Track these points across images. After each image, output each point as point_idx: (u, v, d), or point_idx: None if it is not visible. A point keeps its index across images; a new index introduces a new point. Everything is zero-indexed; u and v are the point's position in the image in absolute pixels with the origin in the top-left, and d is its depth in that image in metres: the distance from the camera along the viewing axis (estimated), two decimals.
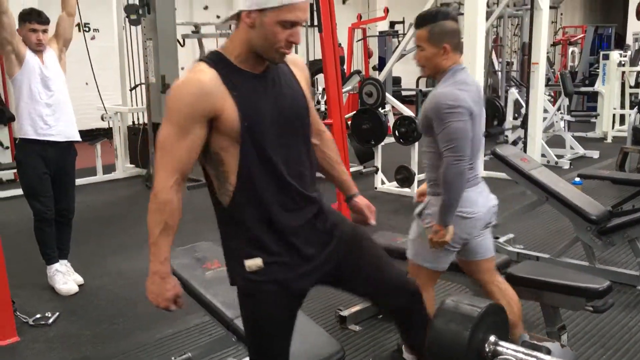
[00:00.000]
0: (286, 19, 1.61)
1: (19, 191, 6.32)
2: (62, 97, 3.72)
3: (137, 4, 6.39)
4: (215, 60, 1.67)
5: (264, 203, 1.70)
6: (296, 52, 5.47)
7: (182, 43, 8.01)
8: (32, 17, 3.61)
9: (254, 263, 1.71)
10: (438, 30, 2.41)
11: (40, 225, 3.74)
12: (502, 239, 4.24)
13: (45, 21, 3.66)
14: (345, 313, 3.23)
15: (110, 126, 7.29)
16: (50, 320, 3.39)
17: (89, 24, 9.18)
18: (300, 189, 1.75)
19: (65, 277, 3.80)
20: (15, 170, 6.66)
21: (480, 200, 2.50)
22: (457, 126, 2.33)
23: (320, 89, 8.73)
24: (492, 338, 1.45)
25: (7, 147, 6.96)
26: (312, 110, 1.87)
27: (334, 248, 1.82)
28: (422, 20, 2.43)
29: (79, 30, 6.96)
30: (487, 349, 1.44)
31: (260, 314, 1.77)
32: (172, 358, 2.43)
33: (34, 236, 3.77)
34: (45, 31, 3.65)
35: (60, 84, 3.72)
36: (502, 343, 1.46)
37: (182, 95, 1.61)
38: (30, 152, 3.63)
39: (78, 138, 3.80)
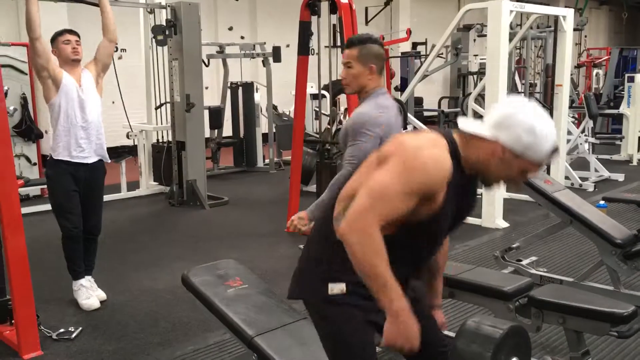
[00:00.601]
0: (533, 170, 1.70)
1: (45, 207, 6.44)
2: (96, 119, 3.78)
3: (164, 25, 6.52)
4: (454, 152, 1.70)
5: (394, 259, 1.66)
6: (319, 72, 5.53)
7: (206, 63, 8.14)
8: (63, 31, 3.76)
9: (337, 287, 1.77)
10: (366, 51, 2.68)
11: (68, 242, 3.79)
12: (525, 262, 4.19)
13: (76, 33, 3.78)
14: None
15: (135, 144, 7.41)
16: (73, 335, 3.43)
17: (116, 44, 9.36)
18: (424, 264, 1.94)
19: (88, 292, 3.84)
20: (42, 187, 6.80)
21: None
22: (365, 147, 2.59)
23: (342, 109, 8.78)
24: None
25: (34, 164, 7.10)
26: None
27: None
28: (354, 42, 2.70)
29: None
30: None
31: (341, 334, 1.80)
32: None
33: (62, 252, 3.82)
34: (78, 42, 3.75)
35: (96, 106, 3.79)
36: None
37: (433, 170, 1.62)
38: (61, 170, 3.70)
39: (108, 159, 3.89)
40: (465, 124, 1.72)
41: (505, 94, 5.74)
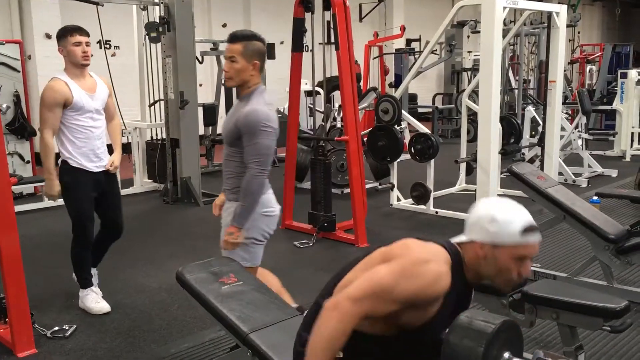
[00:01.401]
0: (521, 255, 1.69)
1: (39, 205, 6.44)
2: (104, 126, 3.69)
3: (157, 22, 6.50)
4: (456, 265, 1.73)
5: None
6: (313, 69, 5.53)
7: (200, 60, 8.11)
8: (74, 30, 3.53)
9: None
10: (251, 47, 2.74)
11: (82, 251, 3.72)
12: None
13: (87, 33, 3.58)
14: None
15: (129, 141, 7.39)
16: (68, 333, 3.42)
17: (109, 41, 9.34)
18: None
19: (97, 297, 3.78)
20: (35, 185, 6.77)
21: (274, 201, 2.91)
22: (267, 143, 2.69)
23: (336, 105, 8.78)
24: (507, 354, 1.45)
25: (28, 162, 7.07)
26: None
27: None
28: (239, 37, 2.75)
29: (100, 47, 7.09)
30: None
31: None
32: None
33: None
34: (88, 44, 3.54)
35: (103, 116, 3.68)
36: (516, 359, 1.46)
37: (429, 283, 1.64)
38: (80, 178, 3.55)
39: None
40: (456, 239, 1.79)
41: (499, 90, 5.76)
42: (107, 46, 9.14)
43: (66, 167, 3.55)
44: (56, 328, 3.46)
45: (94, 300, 3.76)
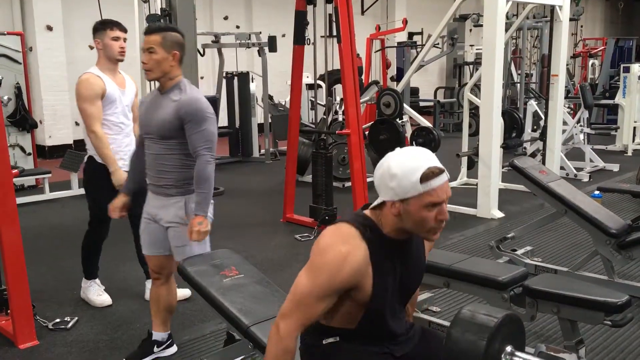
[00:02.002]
0: (430, 202, 1.66)
1: (40, 197, 6.45)
2: (132, 125, 3.65)
3: (159, 14, 6.48)
4: (370, 233, 1.73)
5: (368, 340, 1.82)
6: (314, 62, 5.51)
7: (202, 53, 8.10)
8: (113, 24, 3.51)
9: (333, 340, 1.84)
10: (170, 38, 2.67)
11: (94, 243, 3.75)
12: (520, 252, 4.20)
13: (126, 30, 3.57)
14: None
15: None
16: (69, 325, 3.43)
17: None
18: (400, 335, 1.89)
19: (100, 290, 3.80)
20: (37, 177, 6.78)
21: None
22: (213, 130, 2.68)
23: (338, 99, 8.77)
24: (509, 348, 1.45)
25: (29, 154, 7.08)
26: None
27: None
28: (156, 28, 2.70)
29: None
30: (504, 359, 1.44)
31: None
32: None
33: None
34: (125, 39, 3.54)
35: (131, 111, 3.66)
36: (518, 353, 1.46)
37: (336, 268, 1.66)
38: (105, 174, 3.46)
39: None
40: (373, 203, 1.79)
41: (501, 84, 5.74)
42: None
43: (92, 163, 3.54)
44: (58, 320, 3.47)
45: (96, 292, 3.78)
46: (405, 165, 1.67)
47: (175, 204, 2.73)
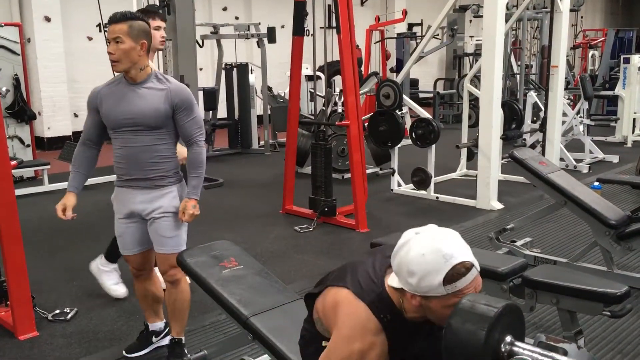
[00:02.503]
0: (454, 302, 1.50)
1: (39, 189, 6.44)
2: None
3: (157, 5, 6.45)
4: (387, 316, 1.58)
5: None
6: (314, 54, 5.49)
7: (201, 44, 8.07)
8: (155, 14, 3.54)
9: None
10: (137, 27, 2.56)
11: None
12: (519, 243, 4.21)
13: (165, 19, 3.64)
14: None
15: None
16: (69, 316, 3.44)
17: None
18: None
19: (118, 278, 3.75)
20: (35, 168, 6.77)
21: None
22: (201, 116, 2.76)
23: (337, 90, 8.75)
24: (509, 338, 1.44)
25: (28, 145, 7.06)
26: None
27: None
28: (121, 17, 2.57)
29: (100, 31, 7.04)
30: (503, 349, 1.43)
31: None
32: (188, 355, 2.44)
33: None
34: (165, 29, 3.58)
35: None
36: (518, 343, 1.45)
37: (367, 348, 1.55)
38: None
39: None
40: (392, 279, 1.62)
41: (501, 75, 5.73)
42: (107, 30, 9.09)
43: None
44: (57, 311, 3.47)
45: (114, 280, 3.73)
46: (426, 263, 1.49)
47: (169, 194, 2.70)
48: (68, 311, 3.48)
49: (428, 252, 1.50)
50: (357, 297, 1.61)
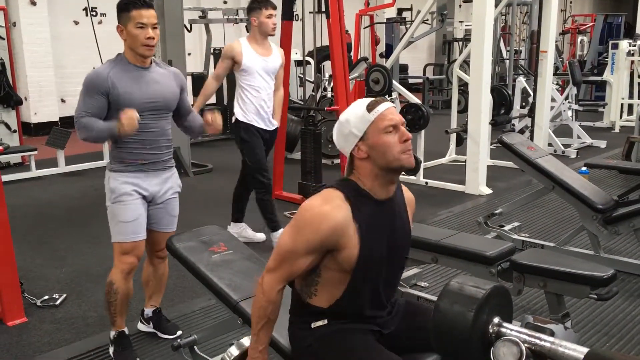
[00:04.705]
0: (385, 125, 1.73)
1: (26, 174, 6.39)
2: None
3: None
4: (349, 190, 1.78)
5: (361, 308, 1.85)
6: (303, 39, 5.46)
7: (189, 28, 8.00)
8: (267, 4, 3.97)
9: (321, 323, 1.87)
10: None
11: (264, 196, 4.21)
12: (507, 227, 4.24)
13: (275, 7, 4.05)
14: None
15: None
16: (58, 302, 3.42)
17: (96, 8, 9.17)
18: (387, 313, 1.92)
19: (251, 230, 4.45)
20: (22, 154, 6.71)
21: None
22: None
23: (327, 75, 8.72)
24: (496, 319, 1.46)
25: (14, 131, 6.99)
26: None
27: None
28: (150, 3, 2.65)
29: (86, 15, 6.98)
30: (491, 330, 1.45)
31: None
32: (178, 340, 2.45)
33: (234, 195, 4.48)
34: (275, 16, 4.04)
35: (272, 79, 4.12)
36: (506, 324, 1.47)
37: (317, 225, 1.71)
38: (254, 133, 4.09)
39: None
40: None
41: (490, 60, 5.73)
42: (94, 14, 8.99)
43: (239, 124, 4.16)
44: (46, 297, 3.46)
45: (251, 231, 4.43)
46: (351, 109, 1.80)
47: (174, 174, 2.84)
48: (57, 297, 3.47)
49: (350, 107, 1.83)
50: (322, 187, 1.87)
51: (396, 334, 1.91)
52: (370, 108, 1.74)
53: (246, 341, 2.02)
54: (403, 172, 1.83)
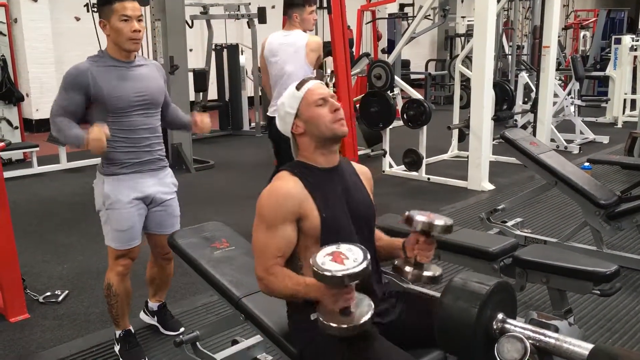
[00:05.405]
0: (316, 99, 1.88)
1: (28, 171, 6.39)
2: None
3: None
4: (295, 167, 1.91)
5: None
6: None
7: (190, 24, 7.99)
8: (311, 0, 4.00)
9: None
10: None
11: None
12: (510, 223, 4.23)
13: (316, 2, 4.13)
14: None
15: None
16: (60, 298, 3.42)
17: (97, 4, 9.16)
18: (380, 301, 1.92)
19: None
20: (24, 150, 6.72)
21: None
22: None
23: (329, 71, 8.70)
24: (500, 315, 1.45)
25: (16, 127, 6.99)
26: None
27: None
28: None
29: (88, 11, 6.97)
30: (495, 326, 1.44)
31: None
32: (181, 336, 2.44)
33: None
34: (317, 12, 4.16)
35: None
36: (510, 321, 1.46)
37: (275, 201, 1.83)
38: None
39: None
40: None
41: (493, 56, 5.71)
42: (95, 10, 8.97)
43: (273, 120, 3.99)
44: (48, 293, 3.46)
45: None
46: (284, 93, 1.94)
47: (169, 172, 2.76)
48: (59, 293, 3.47)
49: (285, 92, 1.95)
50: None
51: (398, 325, 1.90)
52: (299, 86, 1.89)
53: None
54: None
